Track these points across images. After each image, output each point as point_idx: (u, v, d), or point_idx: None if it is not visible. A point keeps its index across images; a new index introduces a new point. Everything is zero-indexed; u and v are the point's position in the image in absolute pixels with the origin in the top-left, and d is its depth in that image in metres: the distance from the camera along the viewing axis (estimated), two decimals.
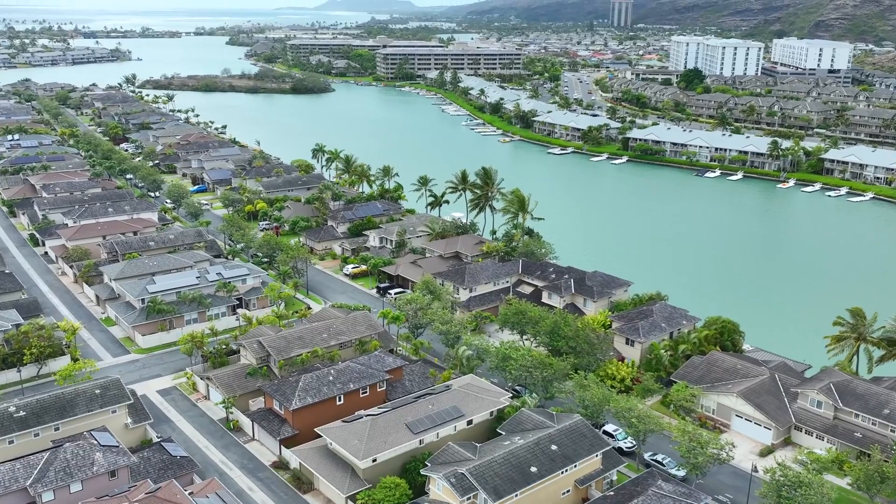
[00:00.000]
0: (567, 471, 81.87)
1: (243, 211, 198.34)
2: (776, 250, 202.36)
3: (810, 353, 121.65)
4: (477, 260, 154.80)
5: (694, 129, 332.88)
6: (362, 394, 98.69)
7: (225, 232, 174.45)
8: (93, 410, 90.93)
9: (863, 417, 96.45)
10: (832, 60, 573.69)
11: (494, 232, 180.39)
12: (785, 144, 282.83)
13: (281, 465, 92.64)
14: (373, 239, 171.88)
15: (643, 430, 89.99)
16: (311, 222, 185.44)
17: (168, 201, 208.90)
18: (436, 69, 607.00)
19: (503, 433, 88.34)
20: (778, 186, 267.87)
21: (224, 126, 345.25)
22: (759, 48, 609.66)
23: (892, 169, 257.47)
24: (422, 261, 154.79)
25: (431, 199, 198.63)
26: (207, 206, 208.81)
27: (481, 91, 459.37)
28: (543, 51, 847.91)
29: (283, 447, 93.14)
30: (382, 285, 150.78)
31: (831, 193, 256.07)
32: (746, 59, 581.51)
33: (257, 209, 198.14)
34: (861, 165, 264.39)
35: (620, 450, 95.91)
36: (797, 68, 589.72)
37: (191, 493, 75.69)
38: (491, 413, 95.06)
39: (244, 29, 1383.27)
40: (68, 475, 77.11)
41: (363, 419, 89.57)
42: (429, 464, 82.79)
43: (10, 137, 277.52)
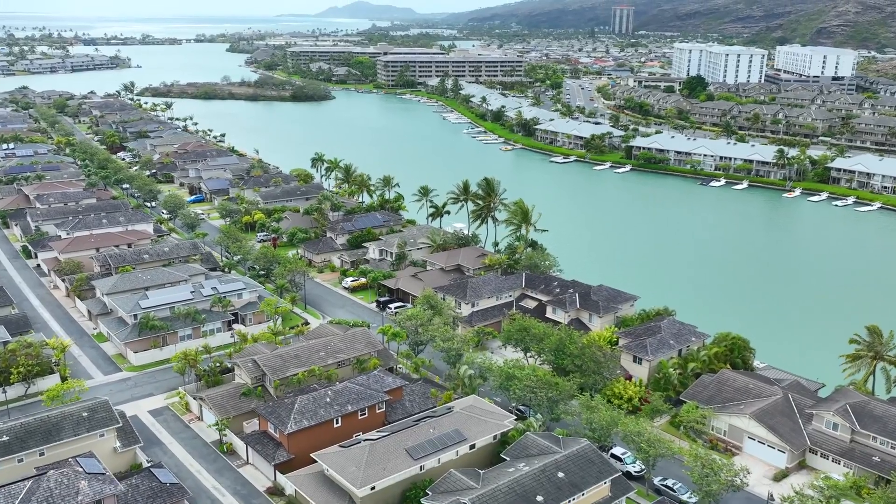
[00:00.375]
0: (574, 499, 78.17)
1: (241, 222, 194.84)
2: (784, 262, 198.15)
3: (823, 371, 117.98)
4: (479, 273, 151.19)
5: (698, 138, 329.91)
6: (361, 416, 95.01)
7: (221, 244, 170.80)
8: (80, 434, 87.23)
9: (881, 441, 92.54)
10: (836, 67, 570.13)
11: (497, 244, 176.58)
12: (791, 153, 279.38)
13: (276, 492, 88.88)
14: (372, 251, 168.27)
15: (653, 455, 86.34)
16: (310, 234, 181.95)
17: (164, 212, 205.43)
18: (437, 76, 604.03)
19: (507, 459, 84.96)
20: (784, 196, 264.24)
21: (223, 134, 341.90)
22: (763, 55, 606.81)
23: None
24: (422, 274, 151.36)
25: (433, 210, 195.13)
26: (204, 217, 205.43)
27: (483, 99, 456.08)
28: (545, 58, 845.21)
29: (278, 472, 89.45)
30: (382, 299, 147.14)
31: (838, 203, 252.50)
32: (750, 67, 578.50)
33: (255, 220, 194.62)
34: (868, 174, 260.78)
35: (629, 474, 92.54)
36: (801, 75, 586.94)
37: None
38: (494, 437, 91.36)
39: (245, 36, 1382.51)
40: None
41: (361, 444, 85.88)
42: (430, 492, 79.21)
43: (5, 146, 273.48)
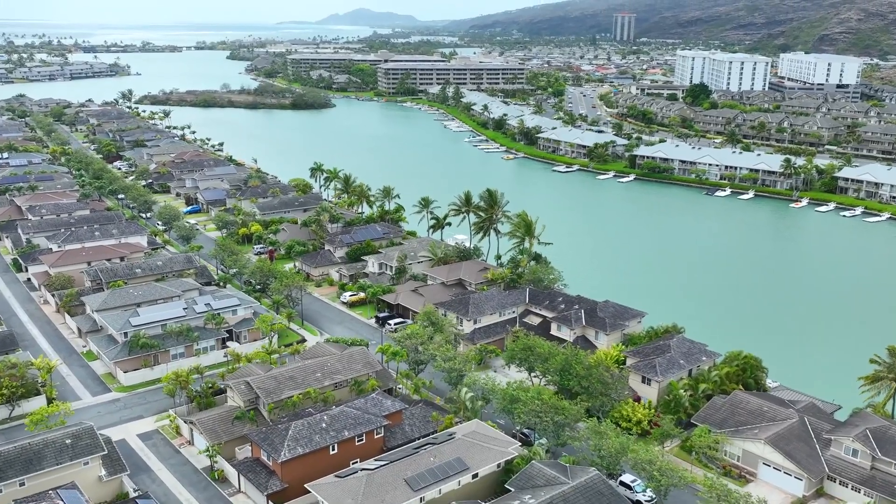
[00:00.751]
0: None
1: (237, 234, 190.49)
2: (794, 275, 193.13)
3: (838, 391, 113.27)
4: (481, 288, 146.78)
5: (702, 146, 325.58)
6: (358, 442, 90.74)
7: (217, 257, 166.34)
8: (62, 463, 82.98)
9: None
10: (840, 75, 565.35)
11: (500, 257, 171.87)
12: (798, 162, 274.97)
13: None
14: (372, 265, 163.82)
15: (666, 485, 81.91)
16: (308, 246, 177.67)
17: (159, 223, 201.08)
18: (438, 84, 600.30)
19: (512, 489, 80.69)
20: (791, 206, 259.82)
21: (221, 143, 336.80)
22: (767, 63, 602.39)
23: None
24: (423, 289, 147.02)
25: (433, 222, 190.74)
26: (200, 229, 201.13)
27: (484, 107, 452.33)
28: (546, 65, 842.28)
29: (271, 502, 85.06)
30: (381, 314, 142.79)
31: (846, 213, 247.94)
32: (753, 74, 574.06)
33: (252, 232, 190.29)
34: (876, 184, 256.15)
35: (639, 503, 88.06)
36: (805, 83, 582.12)
37: None
38: (498, 465, 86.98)
39: (245, 43, 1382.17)
40: None
41: (358, 474, 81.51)
42: None
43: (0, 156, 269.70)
